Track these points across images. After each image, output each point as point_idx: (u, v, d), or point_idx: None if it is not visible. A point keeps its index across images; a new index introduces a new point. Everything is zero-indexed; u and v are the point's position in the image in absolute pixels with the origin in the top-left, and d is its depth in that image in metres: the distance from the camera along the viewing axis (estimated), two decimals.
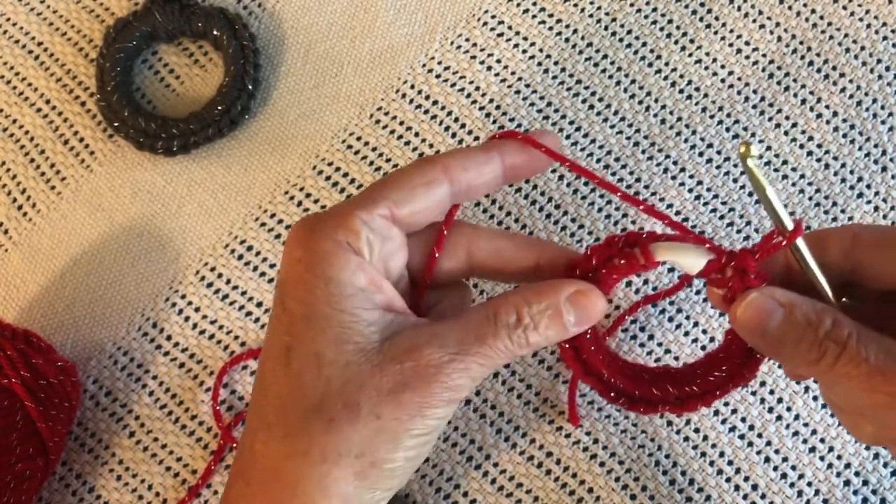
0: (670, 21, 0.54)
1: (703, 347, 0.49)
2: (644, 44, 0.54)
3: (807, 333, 0.32)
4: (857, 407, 0.33)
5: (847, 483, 0.47)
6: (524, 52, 0.54)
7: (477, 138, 0.53)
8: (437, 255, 0.36)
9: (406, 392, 0.32)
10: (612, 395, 0.36)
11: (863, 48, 0.53)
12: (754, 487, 0.47)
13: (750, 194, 0.51)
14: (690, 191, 0.52)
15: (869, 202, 0.51)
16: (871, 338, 0.32)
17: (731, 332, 0.36)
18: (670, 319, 0.50)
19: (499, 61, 0.54)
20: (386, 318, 0.34)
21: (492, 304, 0.34)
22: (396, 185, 0.35)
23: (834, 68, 0.53)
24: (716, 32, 0.54)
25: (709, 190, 0.52)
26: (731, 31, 0.54)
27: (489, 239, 0.37)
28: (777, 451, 0.48)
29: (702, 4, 0.54)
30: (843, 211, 0.51)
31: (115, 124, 0.53)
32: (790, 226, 0.33)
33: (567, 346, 0.36)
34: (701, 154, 0.52)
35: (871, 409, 0.32)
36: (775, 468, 0.48)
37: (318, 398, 0.32)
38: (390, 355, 0.33)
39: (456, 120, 0.53)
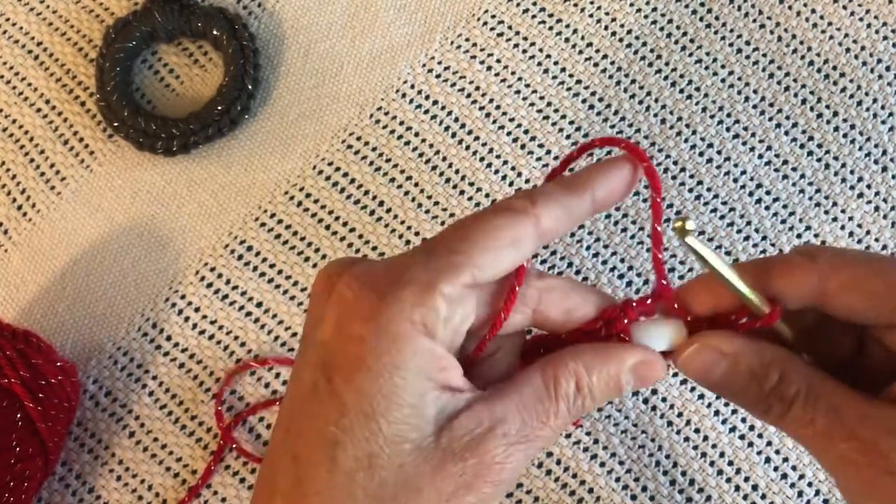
0: (670, 21, 0.54)
1: None
2: (644, 44, 0.54)
3: (751, 387, 0.31)
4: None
5: None
6: (524, 52, 0.54)
7: (477, 138, 0.53)
8: (503, 318, 0.32)
9: (468, 494, 0.29)
10: None
11: (863, 48, 0.53)
12: (754, 487, 0.47)
13: (750, 194, 0.51)
14: (691, 191, 0.52)
15: (869, 202, 0.51)
16: (820, 395, 0.30)
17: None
18: None
19: (499, 61, 0.54)
20: (444, 401, 0.29)
21: (548, 372, 0.31)
22: (482, 247, 0.30)
23: (834, 68, 0.53)
24: (716, 32, 0.54)
25: (709, 190, 0.52)
26: (732, 30, 0.54)
27: (562, 297, 0.33)
28: (777, 452, 0.48)
29: (702, 4, 0.54)
30: (843, 211, 0.51)
31: (115, 124, 0.53)
32: (765, 308, 0.31)
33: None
34: (701, 154, 0.52)
35: (826, 468, 0.31)
36: (775, 468, 0.48)
37: None
38: (450, 451, 0.29)
39: (456, 120, 0.53)
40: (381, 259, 0.31)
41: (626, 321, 0.33)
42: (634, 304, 0.33)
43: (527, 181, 0.52)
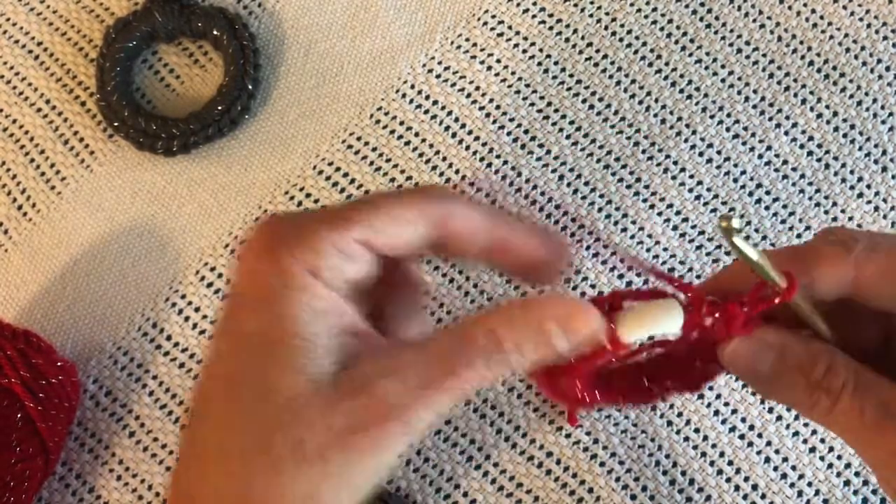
0: (670, 21, 0.54)
1: None
2: (644, 43, 0.54)
3: (798, 379, 0.30)
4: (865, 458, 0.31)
5: (847, 483, 0.47)
6: (524, 51, 0.54)
7: (477, 138, 0.53)
8: None
9: (358, 433, 0.28)
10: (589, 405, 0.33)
11: (863, 48, 0.53)
12: (754, 487, 0.47)
13: (750, 194, 0.51)
14: (690, 191, 0.52)
15: (869, 202, 0.51)
16: (868, 387, 0.29)
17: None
18: None
19: (499, 61, 0.54)
20: (345, 343, 0.30)
21: (464, 324, 0.30)
22: (383, 211, 0.30)
23: (834, 68, 0.53)
24: (716, 32, 0.54)
25: (709, 190, 0.52)
26: (732, 30, 0.54)
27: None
28: (777, 451, 0.48)
29: (702, 4, 0.54)
30: (843, 211, 0.51)
31: (115, 124, 0.53)
32: (783, 283, 0.29)
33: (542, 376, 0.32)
34: (701, 154, 0.52)
35: (871, 463, 0.30)
36: (775, 468, 0.48)
37: (263, 434, 0.29)
38: (343, 389, 0.29)
39: (456, 120, 0.53)
40: (292, 211, 0.32)
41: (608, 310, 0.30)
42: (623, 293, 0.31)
43: (527, 181, 0.52)
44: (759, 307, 0.30)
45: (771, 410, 0.48)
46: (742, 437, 0.48)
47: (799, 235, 0.51)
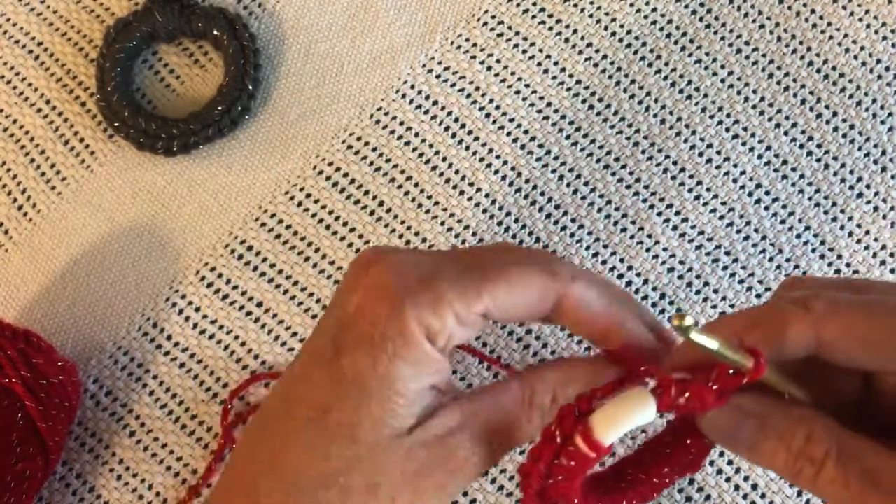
0: (670, 21, 0.54)
1: None
2: (644, 44, 0.54)
3: (780, 449, 0.29)
4: None
5: None
6: (524, 52, 0.54)
7: (477, 138, 0.53)
8: None
9: (428, 479, 0.31)
10: None
11: (863, 48, 0.53)
12: (754, 487, 0.48)
13: (749, 194, 0.51)
14: (690, 191, 0.52)
15: (869, 202, 0.51)
16: (852, 455, 0.29)
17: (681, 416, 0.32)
18: (670, 319, 0.50)
19: (499, 61, 0.54)
20: (429, 398, 0.32)
21: (527, 381, 0.33)
22: (509, 291, 0.31)
23: (834, 68, 0.53)
24: (716, 32, 0.54)
25: (708, 190, 0.52)
26: (731, 31, 0.54)
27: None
28: None
29: (702, 4, 0.54)
30: (842, 211, 0.51)
31: (116, 124, 0.53)
32: (749, 364, 0.29)
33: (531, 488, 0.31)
34: (701, 154, 0.52)
35: None
36: None
37: (342, 471, 0.31)
38: (420, 441, 0.31)
39: (456, 120, 0.53)
40: (422, 252, 0.33)
41: (577, 415, 0.30)
42: (587, 397, 0.30)
43: (526, 181, 0.52)
44: (728, 385, 0.29)
45: None
46: None
47: (798, 235, 0.51)
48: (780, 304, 0.31)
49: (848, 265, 0.50)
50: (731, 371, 0.29)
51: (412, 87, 0.54)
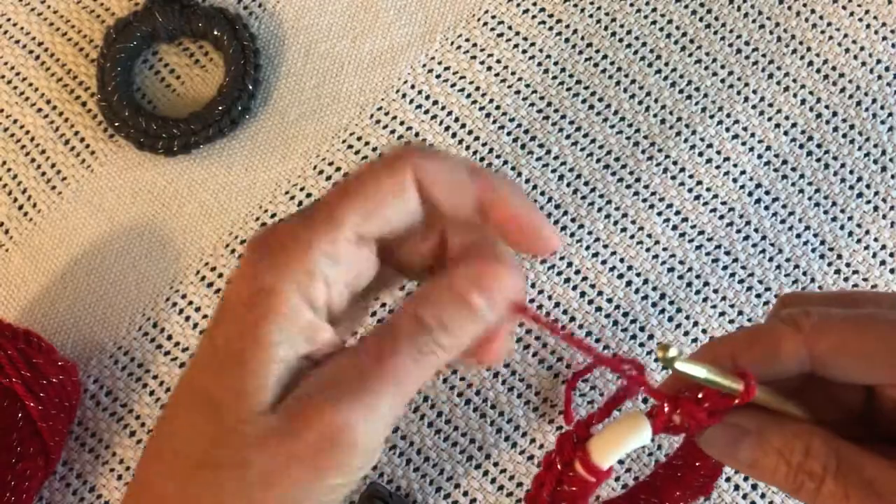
0: (670, 21, 0.54)
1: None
2: (644, 44, 0.54)
3: (780, 464, 0.29)
4: None
5: None
6: (524, 52, 0.54)
7: (477, 138, 0.53)
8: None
9: (304, 463, 0.28)
10: None
11: (862, 48, 0.53)
12: (754, 487, 0.48)
13: (749, 194, 0.51)
14: (690, 191, 0.52)
15: (868, 202, 0.51)
16: (851, 468, 0.28)
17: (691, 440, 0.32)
18: (670, 319, 0.50)
19: (499, 61, 0.54)
20: (305, 363, 0.29)
21: (386, 321, 0.29)
22: (363, 197, 0.28)
23: (834, 68, 0.53)
24: (716, 32, 0.54)
25: (708, 190, 0.52)
26: (731, 30, 0.54)
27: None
28: None
29: (701, 4, 0.54)
30: (842, 211, 0.51)
31: (116, 124, 0.53)
32: (740, 387, 0.29)
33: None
34: (701, 154, 0.52)
35: None
36: None
37: (211, 449, 0.28)
38: (288, 414, 0.28)
39: (456, 120, 0.53)
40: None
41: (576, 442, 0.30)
42: (582, 425, 0.30)
43: (527, 181, 0.52)
44: (719, 404, 0.29)
45: None
46: None
47: (798, 235, 0.51)
48: (772, 324, 0.31)
49: (848, 265, 0.50)
50: (722, 393, 0.29)
51: (412, 86, 0.54)
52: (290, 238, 0.28)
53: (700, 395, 0.29)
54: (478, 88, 0.54)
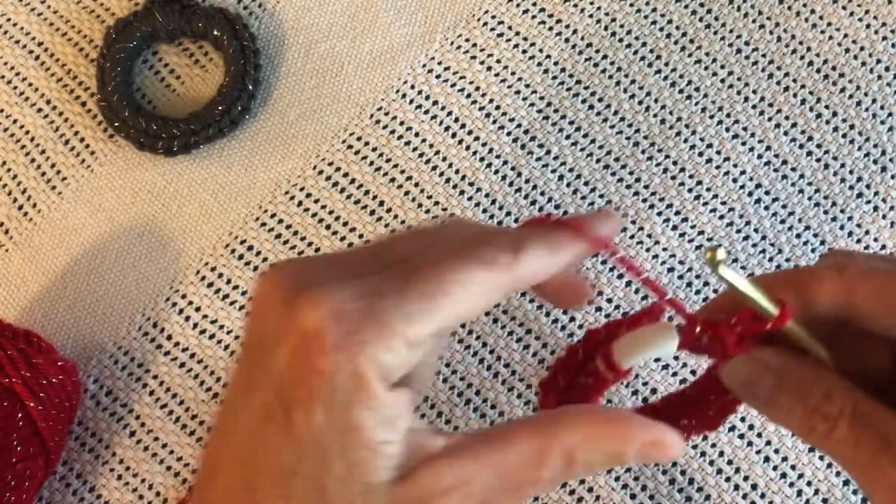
0: (670, 21, 0.54)
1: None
2: (644, 44, 0.54)
3: (796, 404, 0.29)
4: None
5: (847, 483, 0.47)
6: (524, 52, 0.54)
7: (477, 138, 0.53)
8: None
9: None
10: None
11: (863, 48, 0.53)
12: (754, 487, 0.48)
13: (749, 194, 0.51)
14: (690, 191, 0.52)
15: (869, 202, 0.51)
16: (868, 417, 0.28)
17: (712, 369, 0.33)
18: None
19: (499, 61, 0.54)
20: (404, 448, 0.28)
21: (540, 439, 0.28)
22: (457, 297, 0.28)
23: (834, 68, 0.53)
24: (715, 32, 0.54)
25: (708, 190, 0.52)
26: (731, 31, 0.54)
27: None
28: (777, 451, 0.48)
29: (701, 4, 0.54)
30: (842, 211, 0.51)
31: (116, 124, 0.53)
32: (775, 311, 0.29)
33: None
34: (701, 154, 0.52)
35: (868, 494, 0.29)
36: (775, 468, 0.48)
37: None
38: (401, 501, 0.27)
39: (456, 120, 0.53)
40: (339, 263, 0.29)
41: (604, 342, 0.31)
42: (615, 324, 0.31)
43: (526, 181, 0.52)
44: (751, 328, 0.30)
45: None
46: (742, 436, 0.48)
47: (798, 235, 0.51)
48: (815, 266, 0.31)
49: None
50: (755, 318, 0.30)
51: (412, 86, 0.54)
52: (374, 317, 0.27)
53: (733, 321, 0.30)
54: (478, 88, 0.54)
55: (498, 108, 0.53)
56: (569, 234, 0.30)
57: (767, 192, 0.51)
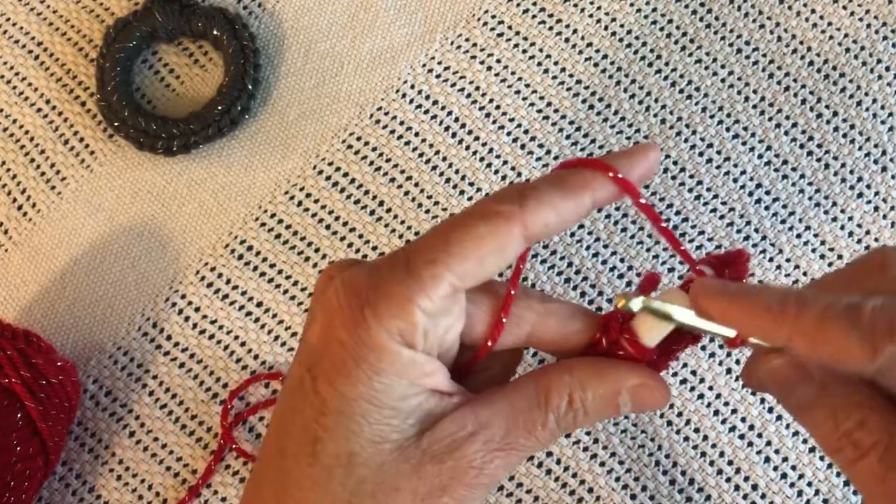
0: (670, 21, 0.54)
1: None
2: (644, 44, 0.54)
3: (828, 421, 0.29)
4: None
5: (847, 483, 0.47)
6: (524, 52, 0.54)
7: (477, 138, 0.53)
8: (497, 334, 0.32)
9: (444, 496, 0.29)
10: None
11: (863, 48, 0.53)
12: (754, 487, 0.48)
13: (750, 194, 0.51)
14: (690, 191, 0.52)
15: (869, 202, 0.51)
16: None
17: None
18: None
19: (499, 61, 0.54)
20: (428, 403, 0.30)
21: (542, 382, 0.31)
22: (463, 256, 0.29)
23: (834, 68, 0.53)
24: (716, 32, 0.54)
25: (709, 190, 0.52)
26: (732, 30, 0.54)
27: (560, 324, 0.32)
28: (777, 451, 0.48)
29: (702, 4, 0.54)
30: (843, 211, 0.51)
31: (116, 124, 0.53)
32: (730, 333, 0.29)
33: None
34: (701, 154, 0.52)
35: None
36: (775, 468, 0.48)
37: (347, 500, 0.29)
38: (430, 453, 0.30)
39: (456, 120, 0.53)
40: (370, 262, 0.32)
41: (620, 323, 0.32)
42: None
43: (526, 181, 0.52)
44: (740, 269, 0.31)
45: (771, 410, 0.48)
46: (742, 437, 0.48)
47: (798, 235, 0.51)
48: (846, 330, 0.27)
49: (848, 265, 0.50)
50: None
51: (412, 86, 0.54)
52: (388, 292, 0.29)
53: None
54: (478, 88, 0.54)
55: (498, 107, 0.53)
56: (584, 176, 0.31)
57: (767, 192, 0.51)
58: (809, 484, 0.47)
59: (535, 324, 0.32)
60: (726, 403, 0.48)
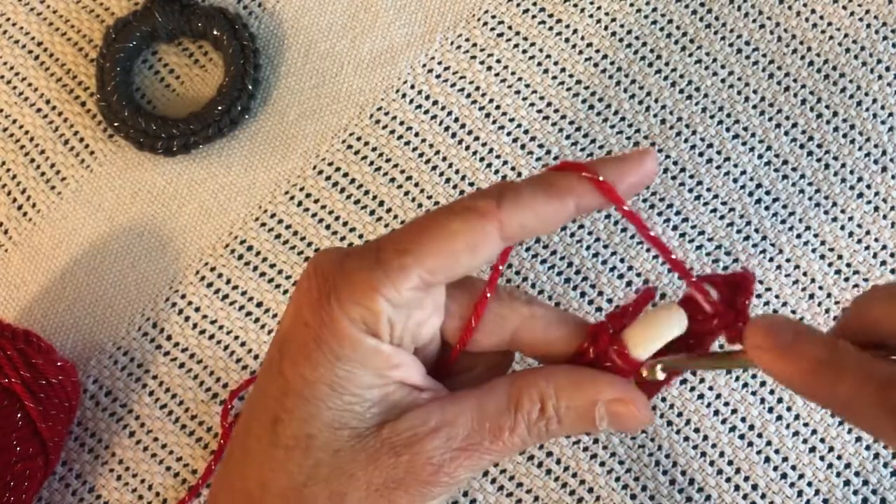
0: (670, 21, 0.54)
1: None
2: (644, 44, 0.54)
3: (884, 422, 0.26)
4: None
5: (847, 483, 0.47)
6: (524, 52, 0.54)
7: (477, 138, 0.53)
8: (468, 335, 0.31)
9: (398, 490, 0.29)
10: None
11: (863, 48, 0.53)
12: (754, 487, 0.48)
13: (750, 194, 0.51)
14: (690, 191, 0.52)
15: (869, 202, 0.51)
16: None
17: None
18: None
19: (499, 61, 0.54)
20: (395, 395, 0.30)
21: (515, 386, 0.30)
22: (434, 250, 0.29)
23: (834, 68, 0.53)
24: (716, 32, 0.54)
25: (709, 190, 0.52)
26: (732, 30, 0.54)
27: (544, 328, 0.32)
28: (777, 451, 0.48)
29: (702, 4, 0.54)
30: (843, 211, 0.51)
31: (116, 124, 0.53)
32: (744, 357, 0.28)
33: None
34: (701, 154, 0.52)
35: None
36: (775, 468, 0.48)
37: (303, 482, 0.29)
38: (388, 444, 0.29)
39: (456, 120, 0.53)
40: (346, 249, 0.31)
41: (611, 333, 0.31)
42: (618, 313, 0.31)
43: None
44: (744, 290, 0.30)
45: (771, 410, 0.48)
46: (742, 437, 0.48)
47: (798, 235, 0.51)
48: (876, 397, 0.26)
49: (848, 265, 0.50)
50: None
51: (412, 86, 0.54)
52: (354, 278, 0.29)
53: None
54: (478, 88, 0.54)
55: (498, 107, 0.53)
56: (570, 181, 0.30)
57: (767, 192, 0.51)
58: (809, 484, 0.47)
59: (519, 326, 0.32)
60: (726, 403, 0.48)
